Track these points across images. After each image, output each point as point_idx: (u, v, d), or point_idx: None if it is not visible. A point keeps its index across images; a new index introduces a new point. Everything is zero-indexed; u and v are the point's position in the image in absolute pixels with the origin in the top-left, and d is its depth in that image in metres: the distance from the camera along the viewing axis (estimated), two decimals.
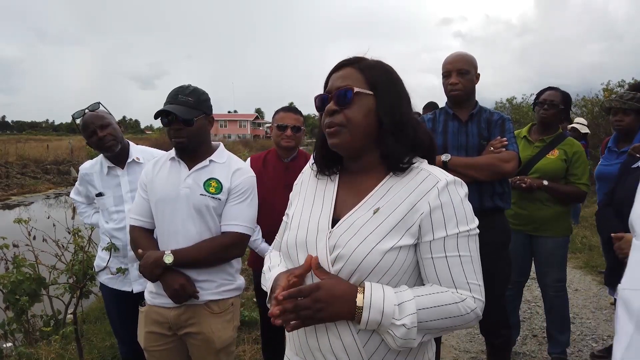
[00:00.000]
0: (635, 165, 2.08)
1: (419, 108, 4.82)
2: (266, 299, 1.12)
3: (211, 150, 1.87)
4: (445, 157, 2.18)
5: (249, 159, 2.52)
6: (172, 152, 1.87)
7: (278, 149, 2.48)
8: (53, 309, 3.29)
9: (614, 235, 1.95)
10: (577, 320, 3.66)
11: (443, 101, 2.42)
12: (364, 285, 0.95)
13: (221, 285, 1.83)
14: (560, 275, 2.82)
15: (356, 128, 1.02)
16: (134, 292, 2.21)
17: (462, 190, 1.01)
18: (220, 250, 1.77)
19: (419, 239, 0.98)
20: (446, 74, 2.28)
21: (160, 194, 1.79)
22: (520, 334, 3.24)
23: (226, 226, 1.79)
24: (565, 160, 2.70)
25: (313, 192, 1.14)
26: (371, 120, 1.02)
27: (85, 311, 3.91)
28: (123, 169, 2.26)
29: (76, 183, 2.42)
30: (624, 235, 1.89)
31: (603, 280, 3.39)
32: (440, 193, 0.97)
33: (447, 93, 2.29)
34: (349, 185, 1.10)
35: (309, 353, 1.04)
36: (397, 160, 1.03)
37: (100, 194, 2.26)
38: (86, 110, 2.22)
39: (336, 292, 0.93)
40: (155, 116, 1.73)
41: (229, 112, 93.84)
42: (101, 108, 2.27)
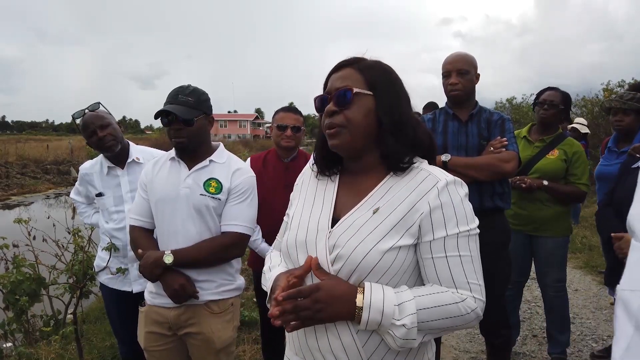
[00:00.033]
0: (635, 165, 2.08)
1: (419, 108, 4.81)
2: (266, 299, 1.12)
3: (211, 150, 1.87)
4: (445, 157, 2.17)
5: (249, 159, 2.52)
6: (172, 152, 1.87)
7: (278, 149, 2.48)
8: (53, 309, 3.29)
9: (613, 235, 1.95)
10: (577, 320, 3.66)
11: (443, 101, 2.42)
12: (364, 286, 0.95)
13: (221, 285, 1.83)
14: (560, 275, 2.82)
15: (356, 128, 1.02)
16: (133, 292, 2.22)
17: (462, 190, 1.01)
18: (220, 250, 1.77)
19: (419, 239, 0.98)
20: (446, 74, 2.27)
21: (160, 194, 1.79)
22: (520, 334, 3.24)
23: (226, 226, 1.79)
24: (565, 160, 2.70)
25: (313, 193, 1.14)
26: (371, 121, 1.03)
27: (85, 311, 3.91)
28: (123, 169, 2.26)
29: (76, 183, 2.42)
30: (623, 235, 1.89)
31: (603, 280, 3.39)
32: (440, 193, 0.97)
33: (447, 93, 2.29)
34: (349, 185, 1.10)
35: (308, 353, 1.04)
36: (397, 160, 1.03)
37: (100, 194, 2.26)
38: (86, 110, 2.22)
39: (336, 293, 0.94)
40: (156, 116, 1.73)
41: (229, 112, 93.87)
42: (101, 108, 2.27)
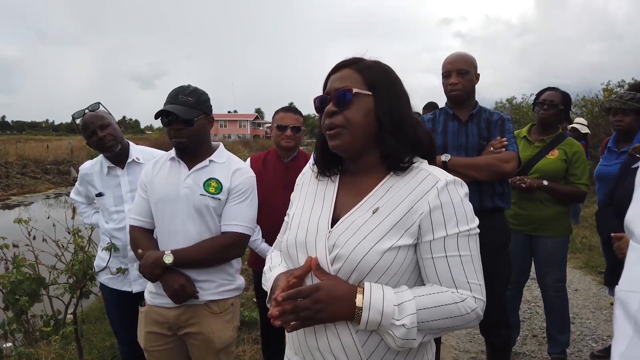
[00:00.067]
0: (635, 165, 2.08)
1: (419, 108, 4.81)
2: (266, 299, 1.12)
3: (211, 150, 1.87)
4: (445, 157, 2.17)
5: (249, 159, 2.52)
6: (172, 152, 1.87)
7: (278, 149, 2.48)
8: (53, 309, 3.29)
9: (613, 235, 1.95)
10: (577, 320, 3.66)
11: (443, 101, 2.41)
12: (364, 286, 0.95)
13: (221, 285, 1.83)
14: (560, 275, 2.82)
15: (356, 129, 1.02)
16: (133, 292, 2.22)
17: (462, 190, 1.01)
18: (220, 250, 1.77)
19: (418, 239, 0.98)
20: (446, 74, 2.27)
21: (160, 194, 1.79)
22: (520, 334, 3.24)
23: (226, 226, 1.79)
24: (565, 160, 2.70)
25: (313, 193, 1.15)
26: (371, 121, 1.03)
27: (85, 311, 3.91)
28: (123, 169, 2.26)
29: (76, 183, 2.42)
30: (623, 235, 1.89)
31: (603, 280, 3.39)
32: (440, 193, 0.97)
33: (447, 93, 2.29)
34: (350, 185, 1.10)
35: (308, 353, 1.04)
36: (397, 160, 1.03)
37: (100, 194, 2.27)
38: (86, 110, 2.22)
39: (336, 293, 0.94)
40: (156, 116, 1.73)
41: (229, 112, 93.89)
42: (101, 108, 2.27)
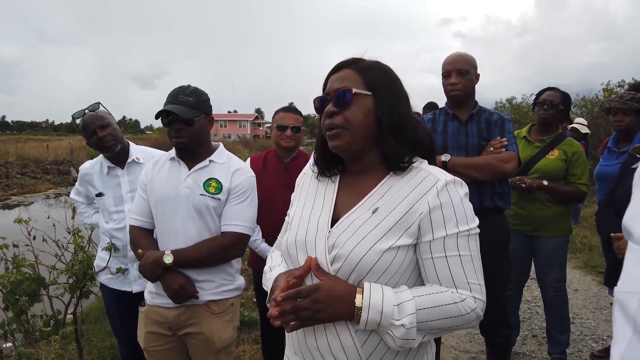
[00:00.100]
0: (635, 165, 2.08)
1: (419, 108, 4.81)
2: (266, 299, 1.12)
3: (211, 150, 1.87)
4: (445, 157, 2.17)
5: (249, 159, 2.52)
6: (172, 152, 1.87)
7: (278, 149, 2.48)
8: (53, 309, 3.29)
9: (613, 235, 1.95)
10: (577, 320, 3.66)
11: (443, 101, 2.42)
12: (363, 286, 0.95)
13: (221, 285, 1.83)
14: (560, 275, 2.82)
15: (356, 129, 1.02)
16: (133, 292, 2.22)
17: (462, 189, 1.01)
18: (220, 250, 1.77)
19: (418, 239, 0.98)
20: (446, 74, 2.27)
21: (160, 194, 1.79)
22: (520, 334, 3.24)
23: (226, 226, 1.79)
24: (565, 160, 2.71)
25: (314, 193, 1.15)
26: (370, 121, 1.03)
27: (85, 311, 3.91)
28: (123, 169, 2.26)
29: (76, 183, 2.42)
30: (623, 235, 1.89)
31: (603, 280, 3.39)
32: (440, 193, 0.97)
33: (447, 93, 2.29)
34: (350, 185, 1.10)
35: (307, 352, 1.04)
36: (397, 160, 1.03)
37: (100, 194, 2.27)
38: (86, 111, 2.22)
39: (335, 293, 0.94)
40: (156, 116, 1.73)
41: (229, 112, 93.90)
42: (101, 108, 2.27)
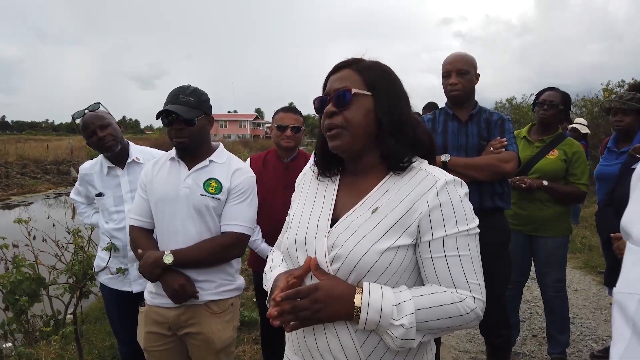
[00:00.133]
0: (634, 165, 2.08)
1: (419, 108, 4.81)
2: (266, 299, 1.12)
3: (211, 150, 1.87)
4: (444, 158, 2.17)
5: (249, 159, 2.52)
6: (172, 152, 1.87)
7: (278, 149, 2.48)
8: (53, 309, 3.29)
9: (613, 235, 1.95)
10: (577, 320, 3.66)
11: (443, 101, 2.42)
12: (363, 286, 0.95)
13: (221, 285, 1.83)
14: (560, 275, 2.82)
15: (356, 129, 1.02)
16: (133, 292, 2.22)
17: (462, 189, 1.01)
18: (220, 250, 1.77)
19: (418, 239, 0.98)
20: (446, 74, 2.27)
21: (160, 194, 1.79)
22: (520, 334, 3.24)
23: (226, 226, 1.79)
24: (565, 160, 2.71)
25: (314, 193, 1.15)
26: (370, 121, 1.03)
27: (85, 311, 3.91)
28: (123, 169, 2.26)
29: (76, 183, 2.42)
30: None
31: (603, 281, 3.39)
32: (439, 193, 0.97)
33: (447, 93, 2.29)
34: (350, 185, 1.10)
35: (307, 352, 1.04)
36: (397, 160, 1.03)
37: (100, 194, 2.27)
38: (86, 111, 2.22)
39: (334, 293, 0.94)
40: (157, 116, 1.73)
41: (229, 112, 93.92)
42: (101, 108, 2.27)
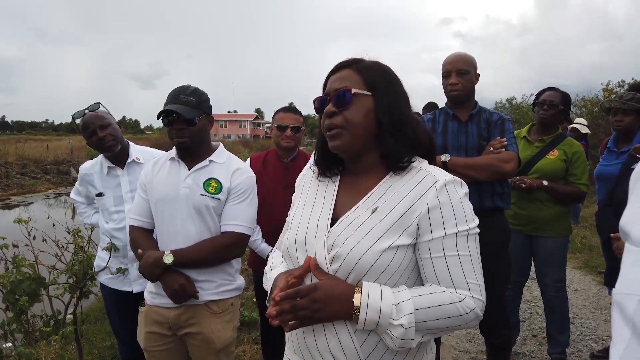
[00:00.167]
0: (634, 166, 2.08)
1: (419, 108, 4.81)
2: (266, 299, 1.12)
3: (211, 150, 1.87)
4: (444, 158, 2.17)
5: (249, 159, 2.52)
6: (172, 152, 1.87)
7: (278, 149, 2.48)
8: (53, 309, 3.29)
9: (613, 236, 1.95)
10: (577, 320, 3.66)
11: (443, 101, 2.42)
12: (362, 285, 0.95)
13: (221, 285, 1.83)
14: (560, 275, 2.82)
15: (356, 129, 1.02)
16: (133, 292, 2.22)
17: (462, 189, 1.01)
18: (220, 250, 1.77)
19: (417, 239, 0.98)
20: (446, 74, 2.28)
21: (160, 194, 1.79)
22: (520, 334, 3.24)
23: (226, 226, 1.79)
24: (565, 160, 2.71)
25: (314, 193, 1.15)
26: (370, 121, 1.03)
27: (85, 311, 3.91)
28: (123, 169, 2.26)
29: (76, 183, 2.42)
30: None
31: (603, 281, 3.39)
32: (439, 192, 0.97)
33: (447, 93, 2.29)
34: (350, 185, 1.10)
35: (306, 352, 1.04)
36: (397, 160, 1.03)
37: (100, 194, 2.27)
38: (86, 111, 2.22)
39: (334, 293, 0.94)
40: (158, 116, 1.74)
41: (229, 112, 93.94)
42: (101, 108, 2.27)
